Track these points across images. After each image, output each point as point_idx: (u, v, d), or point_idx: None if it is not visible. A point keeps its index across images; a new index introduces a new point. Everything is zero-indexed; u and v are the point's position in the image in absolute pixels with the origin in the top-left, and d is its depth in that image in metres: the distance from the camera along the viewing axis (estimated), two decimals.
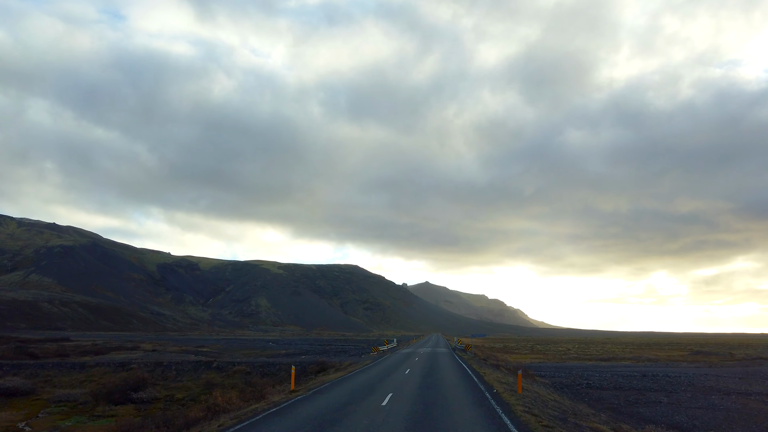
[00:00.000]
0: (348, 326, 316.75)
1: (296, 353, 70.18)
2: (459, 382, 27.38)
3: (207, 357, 58.47)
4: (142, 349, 72.09)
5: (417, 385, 25.00)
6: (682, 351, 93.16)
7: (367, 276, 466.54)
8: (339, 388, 24.81)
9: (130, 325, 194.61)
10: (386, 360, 47.75)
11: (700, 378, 43.44)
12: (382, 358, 50.34)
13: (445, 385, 25.60)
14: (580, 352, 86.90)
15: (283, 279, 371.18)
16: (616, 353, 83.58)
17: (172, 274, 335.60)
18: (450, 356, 52.47)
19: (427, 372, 33.25)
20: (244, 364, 47.46)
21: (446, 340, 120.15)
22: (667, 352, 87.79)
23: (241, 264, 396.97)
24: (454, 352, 62.67)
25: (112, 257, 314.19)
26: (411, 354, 56.79)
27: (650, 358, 71.38)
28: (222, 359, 54.68)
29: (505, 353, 77.05)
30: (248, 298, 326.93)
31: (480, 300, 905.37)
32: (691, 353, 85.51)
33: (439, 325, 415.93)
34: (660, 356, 75.96)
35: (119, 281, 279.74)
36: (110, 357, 57.78)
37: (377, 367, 39.28)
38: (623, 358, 71.46)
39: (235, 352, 71.18)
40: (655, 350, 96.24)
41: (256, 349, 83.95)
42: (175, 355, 61.82)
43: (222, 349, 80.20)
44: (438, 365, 39.68)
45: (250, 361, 51.89)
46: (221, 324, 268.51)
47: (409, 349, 69.86)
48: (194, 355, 63.35)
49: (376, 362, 44.68)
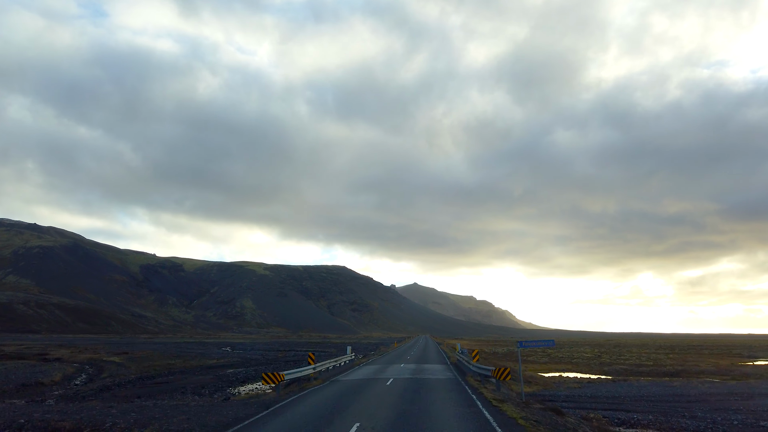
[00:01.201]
0: (335, 328, 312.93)
1: (232, 364, 54.46)
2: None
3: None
4: (50, 355, 57.70)
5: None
6: (729, 357, 73.08)
7: (354, 277, 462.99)
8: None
9: (108, 328, 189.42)
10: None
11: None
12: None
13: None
14: (616, 360, 65.30)
15: (269, 280, 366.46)
16: (666, 362, 61.39)
17: (155, 276, 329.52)
18: (463, 402, 20.27)
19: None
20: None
21: (436, 345, 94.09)
22: (718, 359, 68.11)
23: (226, 265, 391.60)
24: (463, 379, 29.91)
25: (94, 258, 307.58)
26: (363, 387, 25.22)
27: (746, 372, 48.16)
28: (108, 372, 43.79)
29: (514, 362, 57.15)
30: (233, 300, 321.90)
31: (468, 301, 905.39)
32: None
33: (427, 326, 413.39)
34: (731, 367, 54.89)
35: (100, 283, 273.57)
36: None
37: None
38: (700, 373, 48.22)
39: (147, 363, 52.93)
40: (703, 356, 74.04)
41: (192, 357, 64.12)
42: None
43: (144, 357, 60.55)
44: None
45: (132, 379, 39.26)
46: (205, 326, 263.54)
47: (372, 369, 37.27)
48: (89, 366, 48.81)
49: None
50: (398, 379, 28.68)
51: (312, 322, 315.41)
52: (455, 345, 78.51)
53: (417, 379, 28.74)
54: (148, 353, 68.10)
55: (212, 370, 47.14)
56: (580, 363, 61.48)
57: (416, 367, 37.59)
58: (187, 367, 50.59)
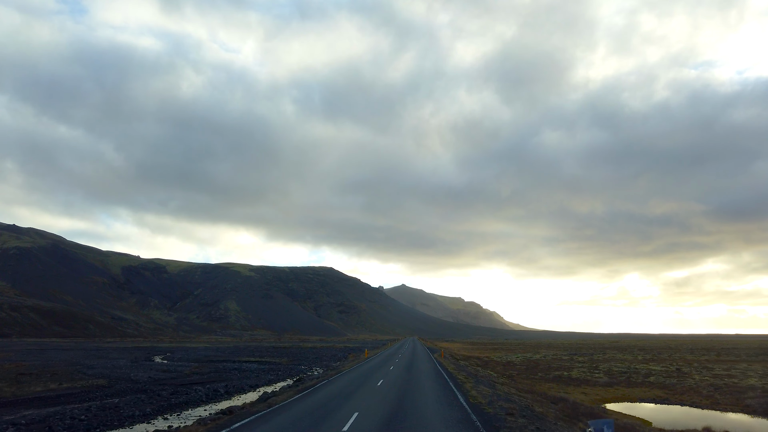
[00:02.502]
0: (322, 330, 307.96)
1: (69, 394, 31.92)
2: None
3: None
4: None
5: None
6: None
7: (342, 278, 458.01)
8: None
9: (85, 331, 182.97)
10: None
11: None
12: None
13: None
14: (717, 375, 45.05)
15: (255, 282, 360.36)
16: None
17: (137, 278, 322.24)
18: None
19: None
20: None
21: (426, 352, 73.55)
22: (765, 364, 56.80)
23: (211, 267, 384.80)
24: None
25: (74, 260, 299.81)
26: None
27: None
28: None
29: (547, 381, 42.14)
30: (217, 302, 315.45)
31: (456, 302, 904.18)
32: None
33: (415, 328, 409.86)
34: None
35: (80, 285, 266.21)
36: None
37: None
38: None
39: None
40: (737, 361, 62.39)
41: (72, 375, 43.15)
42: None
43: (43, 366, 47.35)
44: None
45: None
46: (187, 329, 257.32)
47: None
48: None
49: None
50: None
51: (298, 325, 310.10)
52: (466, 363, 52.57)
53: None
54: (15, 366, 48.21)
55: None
56: (667, 383, 39.93)
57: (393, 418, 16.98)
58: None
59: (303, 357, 75.99)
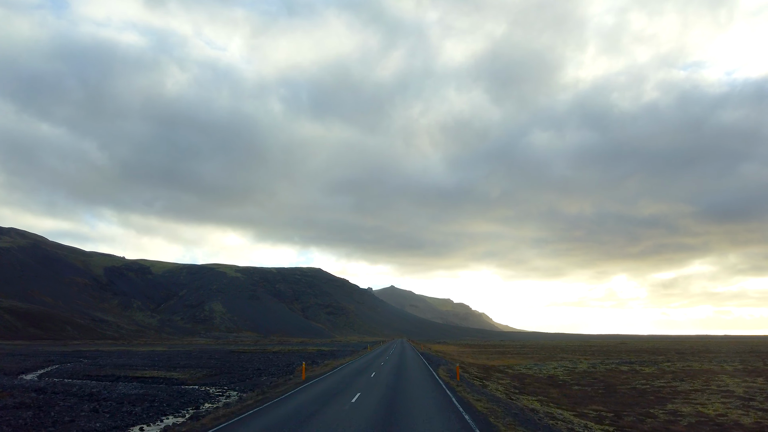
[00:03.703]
0: (309, 332, 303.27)
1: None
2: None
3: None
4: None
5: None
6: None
7: (330, 279, 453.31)
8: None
9: (63, 333, 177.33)
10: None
11: None
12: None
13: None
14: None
15: (241, 283, 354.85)
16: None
17: (120, 278, 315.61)
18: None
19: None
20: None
21: (422, 363, 48.92)
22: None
23: (196, 267, 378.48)
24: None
25: (55, 260, 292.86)
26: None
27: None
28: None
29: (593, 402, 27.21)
30: (202, 303, 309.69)
31: (445, 304, 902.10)
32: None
33: (404, 329, 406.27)
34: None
35: (60, 286, 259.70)
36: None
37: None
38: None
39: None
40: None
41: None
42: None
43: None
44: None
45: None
46: (170, 331, 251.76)
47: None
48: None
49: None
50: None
51: (285, 326, 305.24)
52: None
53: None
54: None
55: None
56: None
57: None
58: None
59: (240, 369, 52.53)
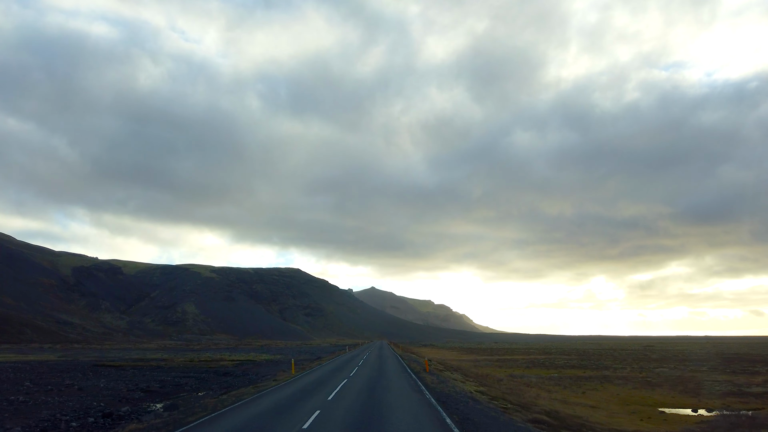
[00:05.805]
0: (287, 334, 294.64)
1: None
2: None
3: None
4: None
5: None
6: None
7: (309, 280, 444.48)
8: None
9: (21, 336, 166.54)
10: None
11: None
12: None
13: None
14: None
15: (216, 283, 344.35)
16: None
17: (89, 279, 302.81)
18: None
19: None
20: None
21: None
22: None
23: (170, 268, 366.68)
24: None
25: (19, 260, 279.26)
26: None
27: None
28: None
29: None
30: (174, 305, 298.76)
31: (426, 305, 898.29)
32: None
33: (385, 331, 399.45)
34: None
35: (22, 286, 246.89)
36: None
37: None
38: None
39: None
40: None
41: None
42: None
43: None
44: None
45: None
46: (139, 333, 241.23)
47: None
48: None
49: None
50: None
51: (261, 328, 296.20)
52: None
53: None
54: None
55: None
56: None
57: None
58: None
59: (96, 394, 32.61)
